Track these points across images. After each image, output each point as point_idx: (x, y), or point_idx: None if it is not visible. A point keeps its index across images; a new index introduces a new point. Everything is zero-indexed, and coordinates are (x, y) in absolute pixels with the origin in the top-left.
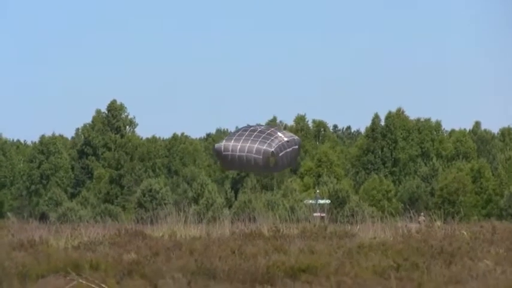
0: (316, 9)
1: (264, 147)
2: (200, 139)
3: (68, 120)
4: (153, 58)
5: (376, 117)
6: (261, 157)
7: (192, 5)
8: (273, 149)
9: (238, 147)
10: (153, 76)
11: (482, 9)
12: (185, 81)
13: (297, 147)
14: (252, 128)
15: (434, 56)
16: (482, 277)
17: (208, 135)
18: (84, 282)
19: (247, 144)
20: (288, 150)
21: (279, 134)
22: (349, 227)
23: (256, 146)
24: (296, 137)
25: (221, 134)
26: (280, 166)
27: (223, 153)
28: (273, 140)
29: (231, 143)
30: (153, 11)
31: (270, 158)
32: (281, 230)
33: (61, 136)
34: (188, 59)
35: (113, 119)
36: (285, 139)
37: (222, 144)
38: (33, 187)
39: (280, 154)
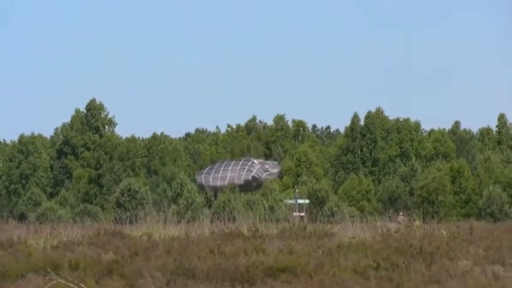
0: (297, 9)
1: (244, 173)
2: (180, 139)
3: (47, 119)
4: (132, 57)
5: (355, 117)
6: (242, 183)
7: (170, 5)
8: (254, 174)
9: (219, 178)
10: (133, 75)
11: (459, 10)
12: (165, 80)
13: (276, 170)
14: (226, 163)
15: (412, 55)
16: (461, 277)
17: (188, 134)
18: (63, 281)
19: (228, 175)
20: (268, 172)
21: (255, 161)
22: (329, 227)
23: (237, 174)
24: (275, 163)
25: (200, 133)
26: (261, 184)
27: (204, 184)
28: (251, 165)
29: (211, 176)
30: (131, 10)
31: (253, 183)
32: (260, 229)
33: (40, 136)
34: (167, 58)
35: (91, 119)
36: (262, 165)
37: (202, 177)
38: (12, 187)
39: (262, 176)
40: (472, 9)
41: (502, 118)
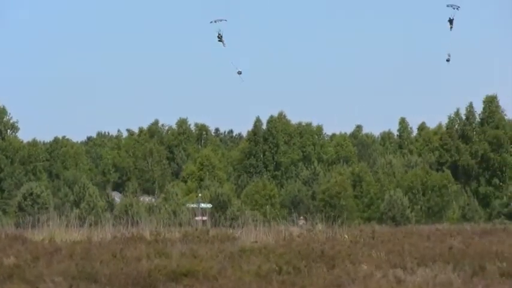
0: (209, 12)
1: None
2: (81, 142)
3: None
4: (34, 60)
5: (257, 121)
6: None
7: (75, 8)
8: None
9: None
10: (34, 78)
11: (359, 11)
12: (66, 84)
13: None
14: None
15: (315, 58)
16: (363, 280)
17: (89, 138)
18: None
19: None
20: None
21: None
22: (231, 231)
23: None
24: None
25: (102, 137)
26: None
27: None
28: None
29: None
30: (35, 11)
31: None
32: (163, 233)
33: None
34: (68, 61)
35: None
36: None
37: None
38: None
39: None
40: (375, 15)
41: (403, 122)
